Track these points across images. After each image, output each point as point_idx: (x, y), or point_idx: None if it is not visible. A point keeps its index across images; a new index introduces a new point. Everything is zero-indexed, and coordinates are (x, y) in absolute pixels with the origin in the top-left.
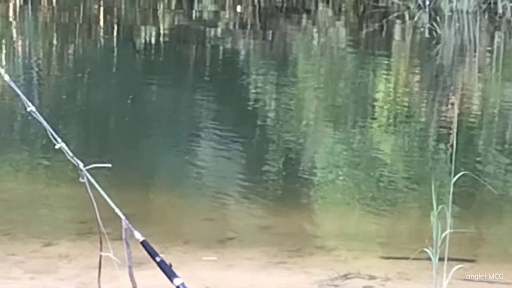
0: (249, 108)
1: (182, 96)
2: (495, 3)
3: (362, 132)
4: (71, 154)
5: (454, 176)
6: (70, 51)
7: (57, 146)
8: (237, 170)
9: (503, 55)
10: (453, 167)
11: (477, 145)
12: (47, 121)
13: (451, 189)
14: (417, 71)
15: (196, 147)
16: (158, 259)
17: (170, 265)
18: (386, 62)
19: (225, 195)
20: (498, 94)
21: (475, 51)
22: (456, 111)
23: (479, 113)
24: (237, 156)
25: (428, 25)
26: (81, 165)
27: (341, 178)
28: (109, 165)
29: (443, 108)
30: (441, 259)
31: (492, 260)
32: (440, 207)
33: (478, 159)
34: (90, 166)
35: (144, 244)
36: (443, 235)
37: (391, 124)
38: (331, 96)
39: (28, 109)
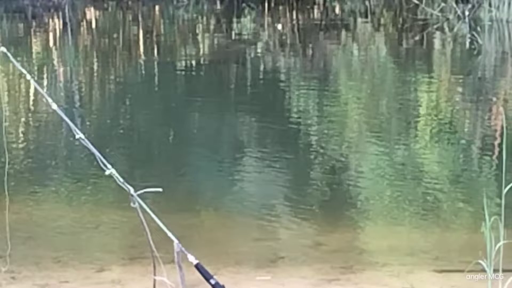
0: (293, 125)
1: (225, 117)
2: None
3: (408, 145)
4: (121, 180)
5: (505, 186)
6: (112, 76)
7: (107, 173)
8: (284, 188)
9: None
10: (503, 177)
11: None
12: (95, 148)
13: (503, 199)
14: (459, 82)
15: (243, 167)
16: (212, 281)
17: (223, 287)
18: (428, 74)
19: (274, 214)
20: None
21: None
22: (503, 120)
23: None
24: (284, 174)
25: (468, 35)
26: (132, 190)
27: (389, 192)
28: (160, 189)
29: (488, 118)
30: (495, 271)
31: None
32: (492, 218)
33: None
34: (141, 191)
35: (198, 266)
36: (497, 246)
37: (437, 136)
38: (376, 111)
39: (77, 137)
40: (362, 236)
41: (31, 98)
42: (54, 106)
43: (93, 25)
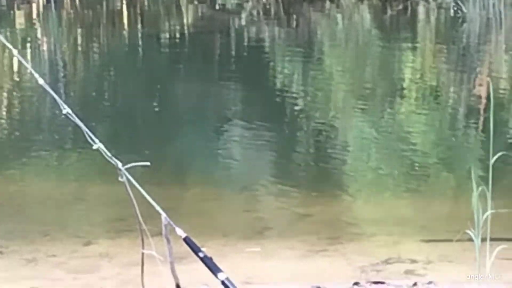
0: (279, 95)
1: (211, 88)
2: None
3: (395, 114)
4: (109, 154)
5: (493, 155)
6: (97, 49)
7: (94, 147)
8: (271, 160)
9: None
10: (491, 146)
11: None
12: (82, 122)
13: (490, 169)
14: (444, 50)
15: (230, 138)
16: (201, 254)
17: (211, 259)
18: (413, 43)
19: (261, 185)
20: None
21: (501, 28)
22: (490, 89)
23: (510, 90)
24: (271, 145)
25: (452, 3)
26: (119, 164)
27: (376, 162)
28: (148, 163)
29: (474, 86)
30: (483, 240)
31: None
32: (480, 188)
33: None
34: (129, 165)
35: (186, 240)
36: (485, 216)
37: (424, 106)
38: (360, 79)
39: (64, 112)
40: (349, 207)
41: (16, 72)
42: (41, 81)
43: None
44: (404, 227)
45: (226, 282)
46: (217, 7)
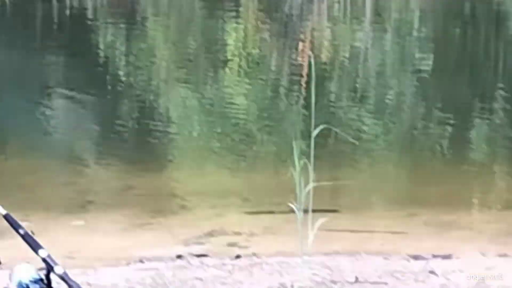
0: (101, 65)
1: (31, 57)
2: None
3: (216, 85)
4: None
5: (314, 129)
6: None
7: None
8: (91, 132)
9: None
10: (312, 120)
11: (333, 95)
12: None
13: (312, 143)
14: (267, 19)
15: (50, 109)
16: (21, 231)
17: (32, 233)
18: (236, 11)
19: (82, 158)
20: (348, 39)
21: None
22: (311, 58)
23: (332, 60)
24: (93, 117)
25: None
26: None
27: (197, 134)
28: None
29: (296, 55)
30: (306, 212)
31: (354, 210)
32: (302, 161)
33: (336, 110)
34: None
35: (7, 217)
36: (307, 188)
37: (244, 75)
38: (184, 51)
39: None
40: (172, 179)
41: None
42: None
43: None
44: (227, 200)
45: (47, 259)
46: None
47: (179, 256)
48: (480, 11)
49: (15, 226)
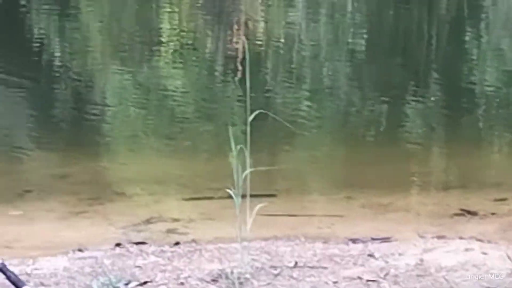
0: (35, 48)
1: None
2: None
3: (151, 71)
4: None
5: (250, 114)
6: None
7: None
8: (27, 117)
9: None
10: (248, 105)
11: (272, 82)
12: None
13: (248, 128)
14: (201, 2)
15: None
16: None
17: None
18: None
19: (17, 147)
20: (282, 20)
21: None
22: (245, 45)
23: (267, 43)
24: (26, 101)
25: None
26: None
27: (134, 119)
28: None
29: (231, 40)
30: (244, 197)
31: (292, 195)
32: (238, 146)
33: (273, 97)
34: None
35: None
36: (244, 174)
37: (180, 60)
38: (120, 33)
39: None
40: (108, 166)
41: None
42: None
43: None
44: (165, 186)
45: None
46: None
47: (118, 244)
48: None
49: None
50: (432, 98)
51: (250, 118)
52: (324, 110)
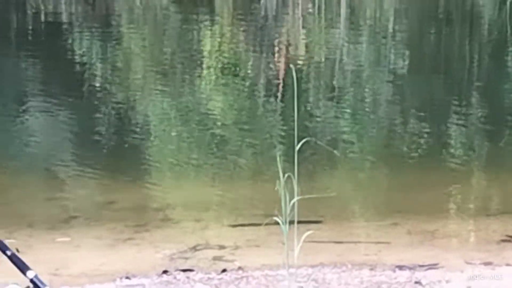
0: (79, 72)
1: (6, 62)
2: None
3: (197, 95)
4: None
5: (298, 142)
6: None
7: None
8: (74, 145)
9: (325, 4)
10: (295, 134)
11: (316, 107)
12: None
13: (296, 156)
14: (243, 24)
15: (30, 121)
16: (8, 252)
17: (17, 251)
18: (210, 18)
19: (63, 173)
20: (324, 42)
21: (298, 3)
22: (293, 74)
23: (309, 66)
24: (72, 127)
25: None
26: None
27: (179, 144)
28: None
29: (275, 67)
30: (291, 224)
31: (338, 222)
32: (286, 174)
33: (319, 122)
34: None
35: None
36: (292, 202)
37: (224, 84)
38: (161, 57)
39: None
40: (155, 193)
41: None
42: None
43: None
44: (211, 213)
45: (35, 279)
46: None
47: (165, 271)
48: (454, 9)
49: (2, 248)
50: (476, 120)
51: (298, 146)
52: (368, 134)
